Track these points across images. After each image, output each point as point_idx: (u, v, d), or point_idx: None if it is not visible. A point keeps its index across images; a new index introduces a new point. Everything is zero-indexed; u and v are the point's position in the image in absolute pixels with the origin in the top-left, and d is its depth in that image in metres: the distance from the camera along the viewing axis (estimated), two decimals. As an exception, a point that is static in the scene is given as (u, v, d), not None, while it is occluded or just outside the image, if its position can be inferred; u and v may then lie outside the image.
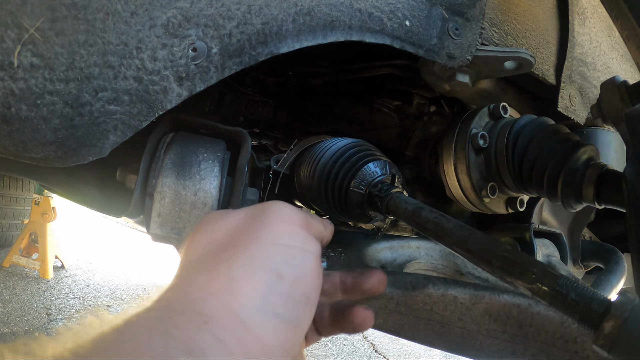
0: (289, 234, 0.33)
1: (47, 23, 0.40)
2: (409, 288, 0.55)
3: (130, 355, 0.22)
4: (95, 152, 0.45)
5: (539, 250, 0.73)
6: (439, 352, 3.12)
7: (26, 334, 2.46)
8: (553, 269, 0.33)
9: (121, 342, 0.23)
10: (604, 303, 0.30)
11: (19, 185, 3.45)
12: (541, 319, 0.45)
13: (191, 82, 0.46)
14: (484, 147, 0.65)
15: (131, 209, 0.53)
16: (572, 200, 0.57)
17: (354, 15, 0.53)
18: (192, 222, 0.52)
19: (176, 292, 0.29)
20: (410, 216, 0.44)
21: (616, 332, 0.28)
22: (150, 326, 0.24)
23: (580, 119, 0.78)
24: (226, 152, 0.55)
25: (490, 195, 0.66)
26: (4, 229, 3.53)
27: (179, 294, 0.28)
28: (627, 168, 0.46)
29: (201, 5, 0.45)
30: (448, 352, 0.52)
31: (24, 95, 0.41)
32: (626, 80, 0.52)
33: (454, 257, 0.81)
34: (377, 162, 0.53)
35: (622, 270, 0.74)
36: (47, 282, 3.30)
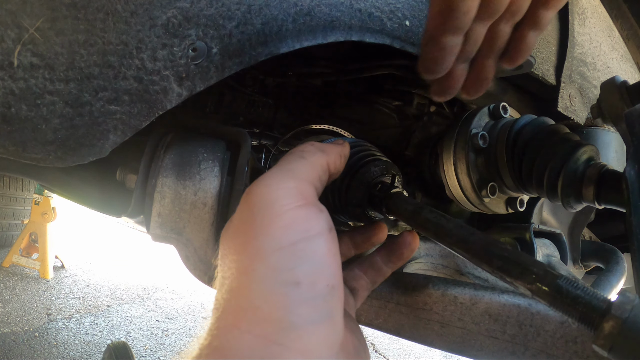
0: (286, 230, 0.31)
1: (47, 23, 0.40)
2: (409, 288, 0.55)
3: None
4: (95, 152, 0.45)
5: (539, 250, 0.73)
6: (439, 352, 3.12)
7: (26, 334, 2.46)
8: (553, 269, 0.33)
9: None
10: (604, 303, 0.30)
11: (19, 185, 3.45)
12: (541, 319, 0.45)
13: (191, 82, 0.46)
14: (484, 147, 0.65)
15: (131, 209, 0.53)
16: (572, 200, 0.57)
17: (354, 16, 0.53)
18: (192, 222, 0.52)
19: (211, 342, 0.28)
20: (410, 216, 0.44)
21: (616, 332, 0.28)
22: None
23: (580, 119, 0.78)
24: (226, 152, 0.55)
25: (490, 195, 0.66)
26: (4, 229, 3.53)
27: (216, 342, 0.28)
28: (627, 168, 0.46)
29: (201, 5, 0.45)
30: (448, 352, 0.52)
31: (24, 95, 0.41)
32: (626, 80, 0.52)
33: (454, 257, 0.81)
34: (377, 162, 0.53)
35: (622, 270, 0.74)
36: (47, 282, 3.30)
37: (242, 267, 0.30)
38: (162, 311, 3.24)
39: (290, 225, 0.31)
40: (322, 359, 0.28)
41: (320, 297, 0.29)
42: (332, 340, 0.30)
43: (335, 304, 0.31)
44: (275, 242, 0.30)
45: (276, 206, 0.32)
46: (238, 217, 0.34)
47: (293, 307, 0.28)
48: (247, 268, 0.30)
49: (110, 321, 2.88)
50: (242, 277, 0.30)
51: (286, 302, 0.28)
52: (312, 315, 0.29)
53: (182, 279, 3.90)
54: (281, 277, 0.29)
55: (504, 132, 0.64)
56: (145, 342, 2.69)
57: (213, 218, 0.52)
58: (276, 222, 0.31)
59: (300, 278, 0.29)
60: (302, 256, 0.30)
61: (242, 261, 0.31)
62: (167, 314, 3.20)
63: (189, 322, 3.12)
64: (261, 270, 0.29)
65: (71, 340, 2.52)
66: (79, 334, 2.62)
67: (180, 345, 2.73)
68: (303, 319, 0.28)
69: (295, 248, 0.30)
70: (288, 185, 0.33)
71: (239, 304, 0.29)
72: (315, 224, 0.32)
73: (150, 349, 2.61)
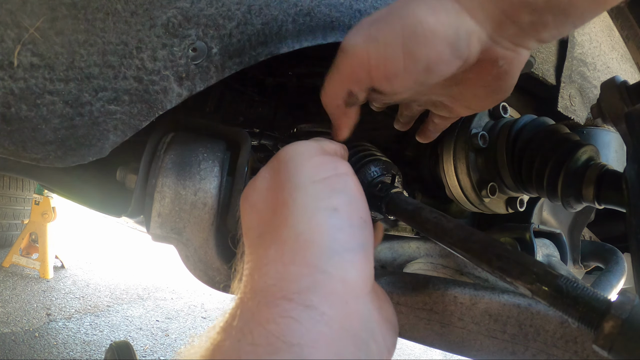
0: (318, 168, 0.33)
1: (47, 23, 0.40)
2: (409, 288, 0.55)
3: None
4: (95, 152, 0.45)
5: (539, 250, 0.73)
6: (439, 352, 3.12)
7: (26, 334, 2.47)
8: (553, 269, 0.33)
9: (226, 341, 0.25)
10: (604, 303, 0.30)
11: (19, 185, 3.45)
12: (541, 319, 0.45)
13: (191, 82, 0.46)
14: (484, 147, 0.65)
15: (131, 209, 0.53)
16: (572, 200, 0.57)
17: (353, 16, 0.53)
18: (192, 222, 0.52)
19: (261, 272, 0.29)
20: (410, 216, 0.44)
21: (616, 332, 0.28)
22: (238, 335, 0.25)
23: (580, 119, 0.78)
24: (226, 152, 0.55)
25: (490, 195, 0.66)
26: (4, 229, 3.53)
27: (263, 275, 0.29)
28: (627, 168, 0.46)
29: (201, 5, 0.45)
30: (448, 352, 0.52)
31: (23, 95, 0.41)
32: (626, 80, 0.52)
33: (454, 257, 0.81)
34: (377, 162, 0.53)
35: (622, 270, 0.74)
36: (47, 282, 3.30)
37: (281, 202, 0.31)
38: (162, 311, 3.24)
39: (320, 165, 0.33)
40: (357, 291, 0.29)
41: (356, 227, 0.31)
42: (367, 274, 0.30)
43: (368, 236, 0.32)
44: (310, 177, 0.32)
45: (305, 154, 0.34)
46: (267, 170, 0.35)
47: (332, 232, 0.29)
48: (286, 201, 0.31)
49: (110, 321, 2.88)
50: (282, 210, 0.31)
51: (326, 227, 0.29)
52: (349, 243, 0.30)
53: (182, 279, 3.90)
54: (321, 204, 0.30)
55: (504, 132, 0.64)
56: (145, 342, 2.69)
57: (213, 218, 0.52)
58: (308, 163, 0.33)
59: (338, 205, 0.31)
60: (337, 188, 0.32)
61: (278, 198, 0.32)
62: (167, 314, 3.20)
63: (189, 322, 3.12)
64: (301, 199, 0.30)
65: (71, 340, 2.52)
66: (79, 334, 2.62)
67: (180, 345, 2.73)
68: (341, 245, 0.29)
69: (329, 181, 0.32)
70: (310, 143, 0.36)
71: (280, 236, 0.30)
72: (341, 165, 0.34)
73: (150, 349, 2.61)
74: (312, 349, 0.24)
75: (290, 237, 0.29)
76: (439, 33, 0.33)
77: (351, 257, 0.29)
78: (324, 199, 0.31)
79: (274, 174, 0.34)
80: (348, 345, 0.26)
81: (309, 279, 0.27)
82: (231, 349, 0.25)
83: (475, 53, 0.35)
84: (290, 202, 0.31)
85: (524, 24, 0.34)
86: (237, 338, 0.25)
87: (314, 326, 0.25)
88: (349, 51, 0.37)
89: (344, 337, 0.26)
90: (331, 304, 0.27)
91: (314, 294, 0.27)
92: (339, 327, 0.26)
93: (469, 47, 0.34)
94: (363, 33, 0.37)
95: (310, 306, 0.26)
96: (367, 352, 0.28)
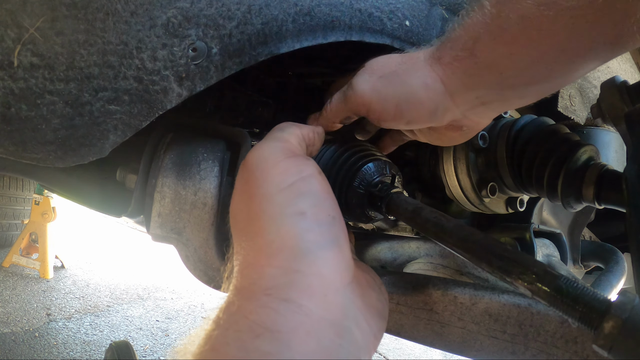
0: (282, 175, 0.35)
1: (47, 23, 0.40)
2: (409, 288, 0.55)
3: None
4: (95, 152, 0.45)
5: (539, 250, 0.73)
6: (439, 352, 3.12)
7: (26, 334, 2.47)
8: (553, 269, 0.33)
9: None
10: (604, 303, 0.30)
11: (19, 185, 3.45)
12: (541, 319, 0.45)
13: (191, 82, 0.46)
14: (484, 147, 0.65)
15: (131, 209, 0.53)
16: (572, 200, 0.57)
17: (354, 16, 0.53)
18: (192, 222, 0.52)
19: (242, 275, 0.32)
20: (410, 216, 0.44)
21: (616, 332, 0.28)
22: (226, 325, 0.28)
23: (580, 119, 0.78)
24: (226, 152, 0.55)
25: (490, 195, 0.66)
26: (4, 229, 3.53)
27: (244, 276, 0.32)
28: (627, 168, 0.46)
29: (201, 5, 0.45)
30: (448, 352, 0.52)
31: (23, 95, 0.41)
32: (626, 80, 0.52)
33: (454, 257, 0.81)
34: (377, 162, 0.53)
35: (622, 270, 0.74)
36: (47, 282, 3.30)
37: (253, 212, 0.34)
38: (162, 311, 3.24)
39: (285, 171, 0.35)
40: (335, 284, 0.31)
41: (325, 225, 0.33)
42: (342, 267, 0.33)
43: (338, 231, 0.34)
44: (275, 185, 0.34)
45: (269, 161, 0.36)
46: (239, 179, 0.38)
47: (302, 234, 0.32)
48: (256, 212, 0.34)
49: (110, 321, 2.88)
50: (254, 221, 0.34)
51: (296, 231, 0.32)
52: (319, 241, 0.32)
53: (182, 279, 3.90)
54: (288, 210, 0.33)
55: (504, 132, 0.64)
56: (145, 342, 2.69)
57: (213, 218, 0.52)
58: (272, 171, 0.35)
59: (304, 209, 0.33)
60: (302, 192, 0.34)
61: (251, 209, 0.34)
62: (167, 314, 3.20)
63: (189, 322, 3.12)
64: (269, 209, 0.33)
65: (71, 340, 2.52)
66: (79, 334, 2.62)
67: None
68: (313, 244, 0.31)
69: (294, 187, 0.34)
70: (275, 145, 0.38)
71: (256, 245, 0.32)
72: (305, 167, 0.36)
73: (150, 349, 2.61)
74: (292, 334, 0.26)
75: (265, 244, 0.32)
76: (425, 105, 0.43)
77: (323, 254, 0.32)
78: (290, 205, 0.33)
79: (244, 184, 0.37)
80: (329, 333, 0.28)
81: (285, 278, 0.30)
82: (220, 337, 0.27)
83: (447, 121, 0.46)
84: (260, 213, 0.33)
85: (493, 106, 0.44)
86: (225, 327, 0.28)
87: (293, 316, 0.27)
88: (357, 93, 0.46)
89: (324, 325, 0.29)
90: (309, 298, 0.29)
91: (291, 289, 0.29)
92: (318, 317, 0.28)
93: (442, 117, 0.45)
94: (372, 84, 0.45)
95: (288, 299, 0.28)
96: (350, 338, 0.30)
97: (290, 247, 0.31)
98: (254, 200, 0.34)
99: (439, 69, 0.42)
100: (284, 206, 0.33)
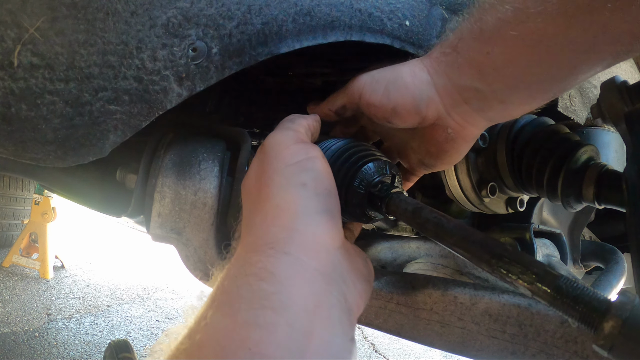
0: (292, 154, 0.41)
1: (47, 23, 0.40)
2: (409, 288, 0.55)
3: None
4: (95, 152, 0.45)
5: (539, 250, 0.73)
6: (439, 352, 3.12)
7: (26, 334, 2.47)
8: (553, 269, 0.33)
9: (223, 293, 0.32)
10: (604, 303, 0.30)
11: (19, 185, 3.45)
12: (541, 319, 0.45)
13: (191, 82, 0.46)
14: (484, 147, 0.65)
15: (131, 209, 0.53)
16: (572, 200, 0.57)
17: (354, 15, 0.53)
18: (192, 222, 0.52)
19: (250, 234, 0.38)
20: (410, 216, 0.44)
21: (616, 332, 0.28)
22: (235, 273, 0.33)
23: (580, 119, 0.78)
24: (226, 152, 0.55)
25: (490, 195, 0.66)
26: (4, 229, 3.53)
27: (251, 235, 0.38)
28: (627, 168, 0.46)
29: (201, 5, 0.45)
30: (448, 352, 0.52)
31: (24, 95, 0.41)
32: (626, 80, 0.52)
33: (454, 257, 0.81)
34: (377, 162, 0.53)
35: (622, 270, 0.74)
36: (47, 282, 3.30)
37: (264, 183, 0.40)
38: (162, 311, 3.24)
39: (295, 151, 0.42)
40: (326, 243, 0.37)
41: (322, 196, 0.39)
42: (334, 232, 0.38)
43: (332, 203, 0.40)
44: (285, 161, 0.41)
45: (282, 144, 0.43)
46: (256, 160, 0.44)
47: (302, 201, 0.38)
48: (267, 182, 0.40)
49: (110, 321, 2.88)
50: (264, 189, 0.40)
51: (298, 198, 0.38)
52: (316, 208, 0.38)
53: (182, 279, 3.90)
54: (293, 180, 0.39)
55: (504, 132, 0.64)
56: (145, 342, 2.69)
57: (213, 218, 0.52)
58: (285, 151, 0.42)
59: (306, 181, 0.39)
60: (306, 168, 0.40)
61: (262, 181, 0.41)
62: (167, 314, 3.20)
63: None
64: (277, 179, 0.39)
65: (71, 340, 2.52)
66: (79, 334, 2.62)
67: (180, 345, 2.73)
68: (310, 209, 0.37)
69: (300, 164, 0.40)
70: (287, 132, 0.44)
71: (263, 208, 0.38)
72: (312, 150, 0.43)
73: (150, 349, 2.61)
74: (290, 280, 0.32)
75: (271, 208, 0.38)
76: (409, 89, 0.47)
77: (319, 218, 0.37)
78: (295, 177, 0.39)
79: (259, 163, 0.43)
80: (320, 282, 0.34)
81: (285, 234, 0.35)
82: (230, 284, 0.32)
83: (431, 116, 0.48)
84: (269, 182, 0.40)
85: (474, 105, 0.46)
86: (234, 275, 0.33)
87: (291, 266, 0.33)
88: (355, 79, 0.51)
89: (316, 275, 0.34)
90: (305, 252, 0.35)
91: (290, 244, 0.35)
92: (312, 268, 0.34)
93: (426, 109, 0.47)
94: (369, 73, 0.50)
95: (287, 253, 0.34)
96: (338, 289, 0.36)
97: (292, 210, 0.37)
98: (265, 173, 0.41)
99: (427, 62, 0.48)
100: (289, 177, 0.39)
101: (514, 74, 0.41)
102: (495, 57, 0.41)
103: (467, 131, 0.49)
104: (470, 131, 0.50)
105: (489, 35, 0.41)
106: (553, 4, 0.36)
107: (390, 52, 0.58)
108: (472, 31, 0.42)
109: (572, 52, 0.37)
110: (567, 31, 0.36)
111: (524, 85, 0.42)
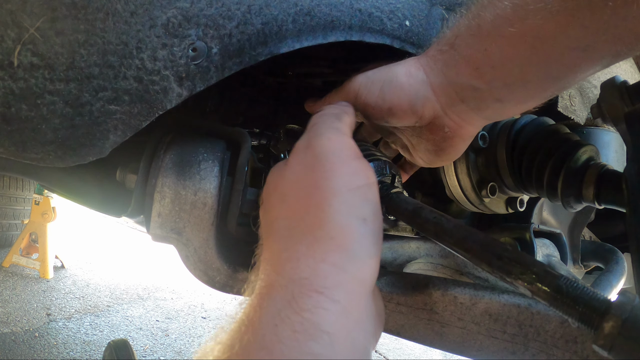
0: (352, 175, 0.37)
1: (47, 23, 0.40)
2: (409, 288, 0.55)
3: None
4: (95, 152, 0.45)
5: (539, 250, 0.73)
6: (439, 352, 3.12)
7: (26, 334, 2.47)
8: (553, 269, 0.33)
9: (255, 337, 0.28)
10: (604, 303, 0.30)
11: (19, 185, 3.45)
12: (541, 319, 0.45)
13: (191, 82, 0.46)
14: (484, 147, 0.65)
15: (131, 209, 0.53)
16: (572, 200, 0.57)
17: (354, 15, 0.53)
18: (192, 222, 0.52)
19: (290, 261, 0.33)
20: (410, 216, 0.44)
21: (616, 332, 0.28)
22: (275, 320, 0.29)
23: (580, 119, 0.78)
24: (226, 152, 0.55)
25: (490, 195, 0.66)
26: (4, 229, 3.53)
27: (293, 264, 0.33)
28: (627, 168, 0.46)
29: (201, 5, 0.45)
30: (448, 352, 0.52)
31: (24, 95, 0.41)
32: (626, 80, 0.52)
33: (454, 257, 0.81)
34: (377, 162, 0.53)
35: (622, 270, 0.74)
36: (47, 282, 3.30)
37: (315, 202, 0.35)
38: (162, 311, 3.23)
39: (356, 173, 0.37)
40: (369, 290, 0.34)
41: (377, 235, 0.36)
42: (375, 275, 0.36)
43: (381, 243, 0.37)
44: (346, 184, 0.36)
45: (341, 155, 0.38)
46: (301, 161, 0.39)
47: (360, 239, 0.34)
48: (321, 204, 0.35)
49: (110, 321, 2.88)
50: (317, 211, 0.35)
51: (356, 235, 0.34)
52: (370, 250, 0.35)
53: (182, 279, 3.90)
54: (354, 212, 0.35)
55: (504, 132, 0.64)
56: (145, 342, 2.68)
57: (213, 218, 0.52)
58: (345, 168, 0.37)
59: (367, 215, 0.35)
60: (367, 198, 0.36)
61: (313, 198, 0.35)
62: (167, 314, 3.20)
63: (189, 322, 3.12)
64: (336, 205, 0.34)
65: (71, 340, 2.52)
66: (79, 334, 2.62)
67: (180, 345, 2.73)
68: (365, 251, 0.34)
69: (361, 191, 0.36)
70: (342, 139, 0.40)
71: (312, 234, 0.34)
72: (371, 174, 0.39)
73: (150, 349, 2.61)
74: (337, 335, 0.29)
75: (324, 239, 0.33)
76: (405, 89, 0.45)
77: (370, 262, 0.34)
78: (357, 208, 0.35)
79: (307, 170, 0.38)
80: (359, 335, 0.32)
81: (337, 277, 0.32)
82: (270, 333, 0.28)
83: (428, 116, 0.47)
84: (326, 207, 0.35)
85: (471, 104, 0.45)
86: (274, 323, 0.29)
87: (338, 318, 0.30)
88: (351, 79, 0.50)
89: (357, 328, 0.32)
90: (350, 300, 0.31)
91: (339, 290, 0.31)
92: (354, 319, 0.31)
93: (422, 108, 0.46)
94: (364, 73, 0.50)
95: (336, 300, 0.31)
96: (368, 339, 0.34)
97: (348, 248, 0.33)
98: (319, 190, 0.36)
99: (423, 60, 0.46)
100: (351, 207, 0.35)
101: (512, 72, 0.40)
102: (492, 55, 0.40)
103: (464, 130, 0.49)
104: (467, 130, 0.49)
105: (487, 32, 0.40)
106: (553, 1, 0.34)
107: (390, 52, 0.58)
108: (470, 28, 0.41)
109: (572, 50, 0.36)
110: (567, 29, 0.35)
111: (522, 84, 0.41)
